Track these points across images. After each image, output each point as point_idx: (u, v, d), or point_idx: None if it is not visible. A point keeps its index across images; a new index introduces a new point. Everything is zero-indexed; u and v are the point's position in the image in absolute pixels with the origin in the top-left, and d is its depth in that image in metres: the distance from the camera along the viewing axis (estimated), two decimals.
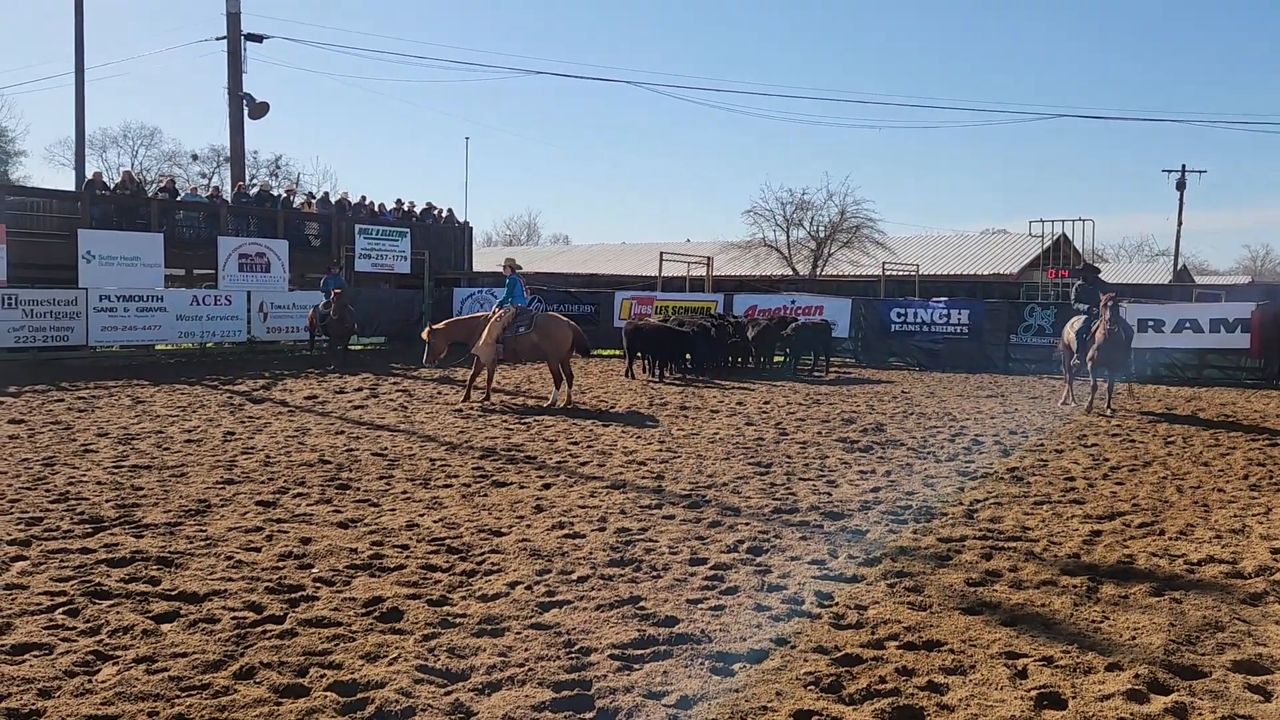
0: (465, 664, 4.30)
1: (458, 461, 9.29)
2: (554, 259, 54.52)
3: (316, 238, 26.37)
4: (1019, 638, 4.73)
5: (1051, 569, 5.93)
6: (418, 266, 27.19)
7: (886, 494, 8.12)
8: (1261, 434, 12.13)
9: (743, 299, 24.98)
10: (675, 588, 5.46)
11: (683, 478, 8.67)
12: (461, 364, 17.09)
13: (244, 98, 26.69)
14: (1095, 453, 10.46)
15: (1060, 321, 21.50)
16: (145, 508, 7.11)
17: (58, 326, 19.44)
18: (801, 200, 44.11)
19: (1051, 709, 3.93)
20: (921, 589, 5.51)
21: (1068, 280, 29.59)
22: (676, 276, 31.04)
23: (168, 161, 61.08)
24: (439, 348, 14.52)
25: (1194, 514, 7.56)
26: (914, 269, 33.75)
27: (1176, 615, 5.07)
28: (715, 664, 4.36)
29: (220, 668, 4.20)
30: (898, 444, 10.87)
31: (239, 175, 28.06)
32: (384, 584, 5.41)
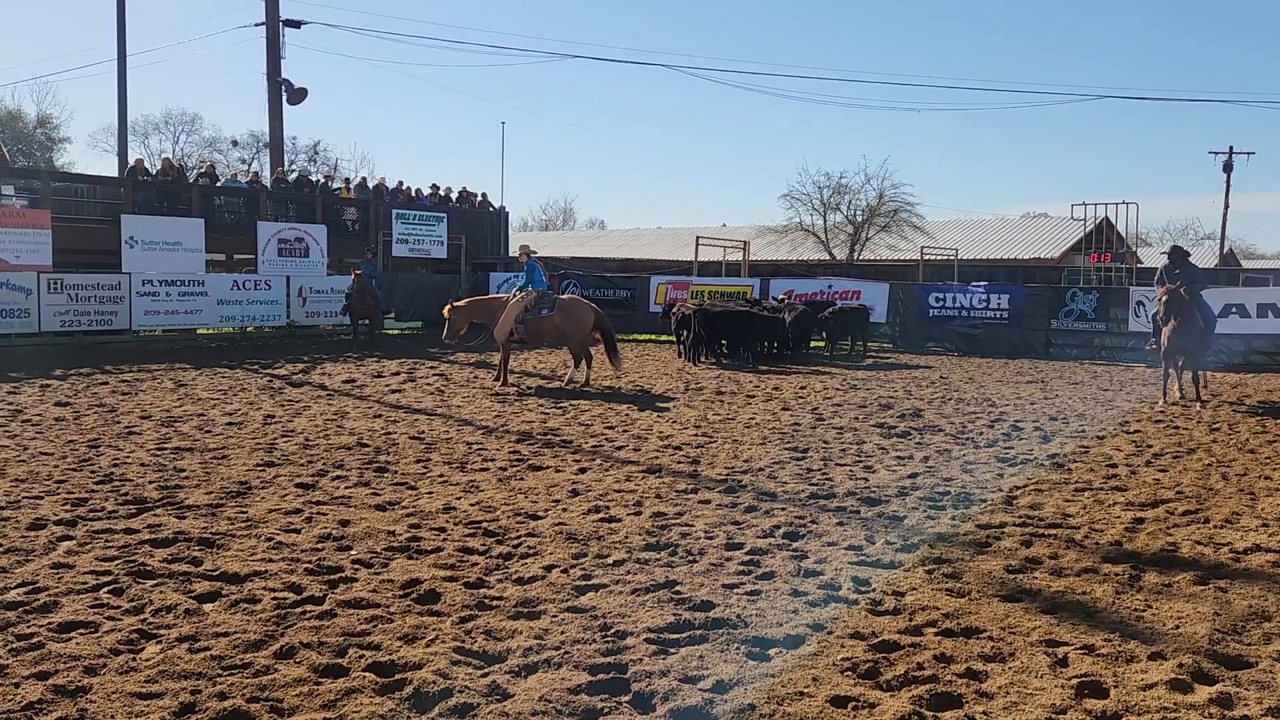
0: (502, 646, 4.33)
1: (494, 445, 9.34)
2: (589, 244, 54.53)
3: (354, 223, 26.60)
4: (1059, 626, 4.67)
5: (1093, 557, 5.85)
6: (454, 251, 27.35)
7: (924, 480, 8.05)
8: None
9: (779, 283, 24.84)
10: (711, 572, 5.45)
11: (718, 462, 8.65)
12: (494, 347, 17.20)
13: (282, 83, 26.93)
14: (1138, 439, 10.29)
15: (1103, 307, 21.23)
16: (187, 489, 7.22)
17: (102, 311, 19.80)
18: (839, 184, 43.65)
19: (1092, 698, 3.87)
20: (960, 576, 5.46)
21: (1110, 265, 29.10)
22: (712, 261, 30.91)
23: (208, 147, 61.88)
24: (459, 325, 14.72)
25: (1240, 502, 7.42)
26: (953, 253, 33.36)
27: (1222, 604, 4.98)
28: (751, 649, 4.35)
29: (261, 647, 4.26)
30: (936, 430, 10.77)
31: (278, 161, 28.34)
32: (421, 566, 5.46)
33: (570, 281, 26.84)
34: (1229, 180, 46.54)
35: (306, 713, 3.66)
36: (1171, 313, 12.88)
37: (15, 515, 6.32)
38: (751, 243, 33.32)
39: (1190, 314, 12.92)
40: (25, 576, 5.10)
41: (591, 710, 3.71)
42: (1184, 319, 12.87)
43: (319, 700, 3.75)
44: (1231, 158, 46.41)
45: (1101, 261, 29.76)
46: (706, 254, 30.22)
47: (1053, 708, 3.77)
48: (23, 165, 37.44)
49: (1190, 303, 12.93)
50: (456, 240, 27.32)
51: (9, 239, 18.84)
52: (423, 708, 3.72)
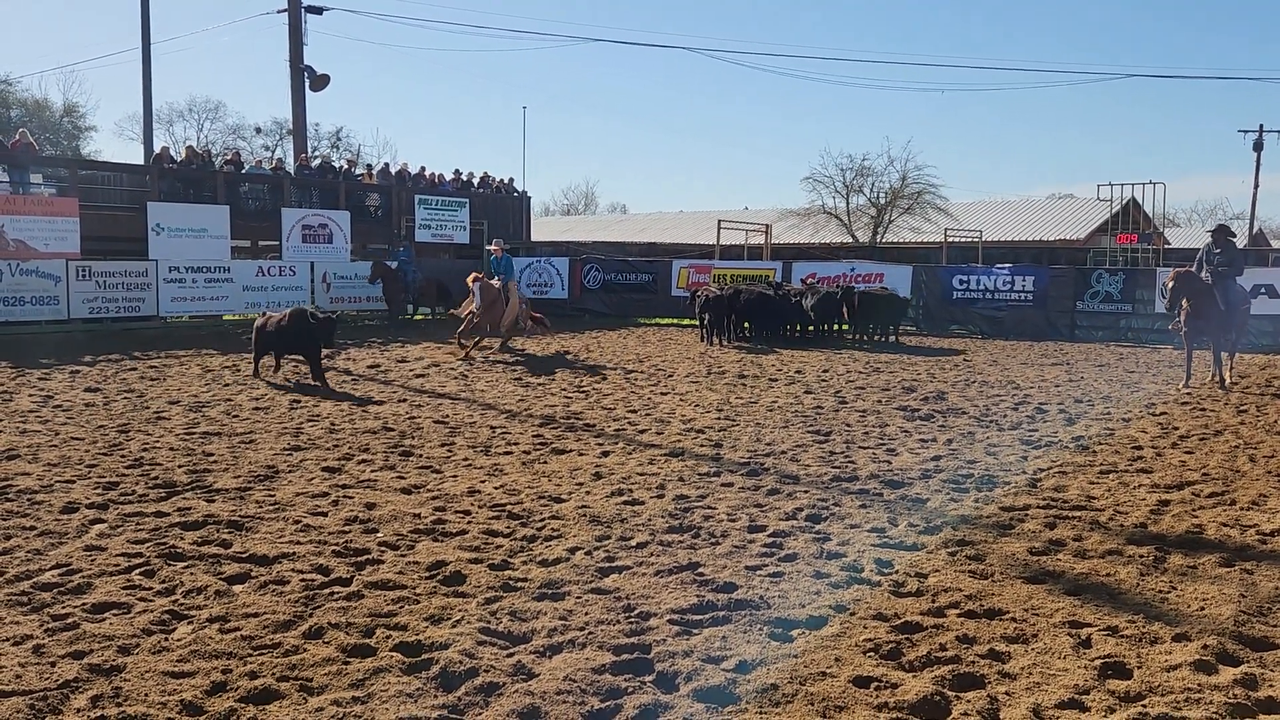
0: (527, 627, 4.38)
1: (518, 429, 9.40)
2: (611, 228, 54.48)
3: (377, 209, 26.71)
4: (1083, 607, 4.66)
5: (1117, 538, 5.83)
6: (476, 237, 27.42)
7: (947, 462, 8.03)
8: None
9: (802, 267, 24.75)
10: (734, 554, 5.48)
11: (741, 446, 8.67)
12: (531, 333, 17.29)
13: (305, 70, 27.01)
14: (1164, 421, 10.21)
15: (1130, 289, 21.01)
16: (216, 473, 7.32)
17: (129, 297, 20.03)
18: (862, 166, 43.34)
19: (1116, 679, 3.87)
20: (983, 557, 5.46)
21: (1136, 246, 28.78)
22: (734, 245, 30.84)
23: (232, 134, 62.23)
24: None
25: (1267, 484, 7.36)
26: (977, 235, 33.08)
27: (1247, 586, 4.95)
28: (774, 630, 4.37)
29: (290, 628, 4.33)
30: (959, 412, 10.73)
31: (301, 147, 28.48)
32: (447, 548, 5.52)
33: (592, 265, 26.84)
34: (1259, 159, 45.89)
35: (335, 691, 3.72)
36: (1184, 295, 12.68)
37: (49, 499, 6.43)
38: (774, 226, 33.19)
39: (1209, 295, 12.70)
40: (59, 559, 5.20)
41: (616, 689, 3.76)
42: (1201, 300, 12.67)
43: (347, 679, 3.82)
44: (1262, 136, 45.67)
45: (1128, 242, 29.45)
46: (728, 237, 30.14)
47: (1075, 688, 3.77)
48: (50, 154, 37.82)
49: (1208, 284, 12.70)
50: (479, 226, 27.39)
51: (37, 227, 19.08)
52: (449, 687, 3.78)
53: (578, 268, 26.69)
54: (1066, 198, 49.16)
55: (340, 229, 23.96)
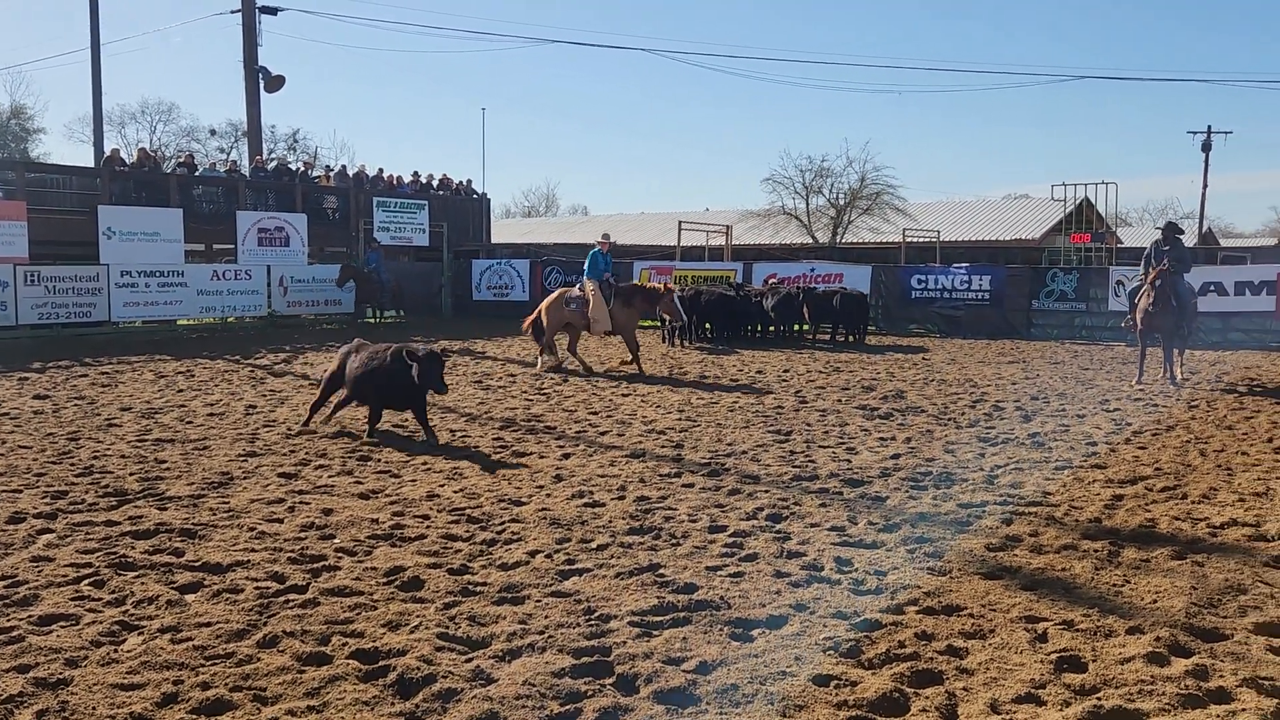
0: (486, 632, 4.34)
1: (478, 432, 9.33)
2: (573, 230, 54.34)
3: (335, 211, 26.45)
4: (1039, 602, 4.72)
5: (1072, 534, 5.91)
6: (436, 239, 27.25)
7: (907, 460, 8.09)
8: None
9: (762, 267, 24.87)
10: (695, 555, 5.48)
11: (702, 446, 8.67)
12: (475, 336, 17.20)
13: (259, 71, 26.68)
14: (1118, 417, 10.37)
15: (1084, 287, 21.36)
16: (169, 480, 7.19)
17: (80, 303, 19.64)
18: (821, 167, 43.64)
19: (1071, 672, 3.92)
20: (941, 554, 5.50)
21: (1090, 245, 29.26)
22: (695, 246, 30.91)
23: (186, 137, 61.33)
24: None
25: (1217, 477, 7.50)
26: (935, 235, 33.45)
27: (1198, 578, 5.04)
28: (734, 630, 4.37)
29: (244, 637, 4.26)
30: (918, 411, 10.82)
31: (256, 149, 28.12)
32: (405, 554, 5.46)
33: (554, 267, 26.76)
34: (1207, 160, 46.93)
35: (290, 701, 3.66)
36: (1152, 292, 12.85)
37: None
38: (734, 227, 33.33)
39: (1164, 294, 12.91)
40: (5, 570, 5.07)
41: (575, 693, 3.73)
42: (1160, 298, 12.89)
43: (302, 688, 3.75)
44: (1210, 137, 46.73)
45: (1082, 242, 29.94)
46: (689, 239, 30.22)
47: (1032, 683, 3.81)
48: None
49: (1168, 282, 12.93)
50: (438, 228, 27.21)
51: None
52: (407, 694, 3.73)
53: (539, 270, 26.59)
54: (1022, 198, 49.83)
55: (297, 232, 23.68)
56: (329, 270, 23.54)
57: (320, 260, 24.81)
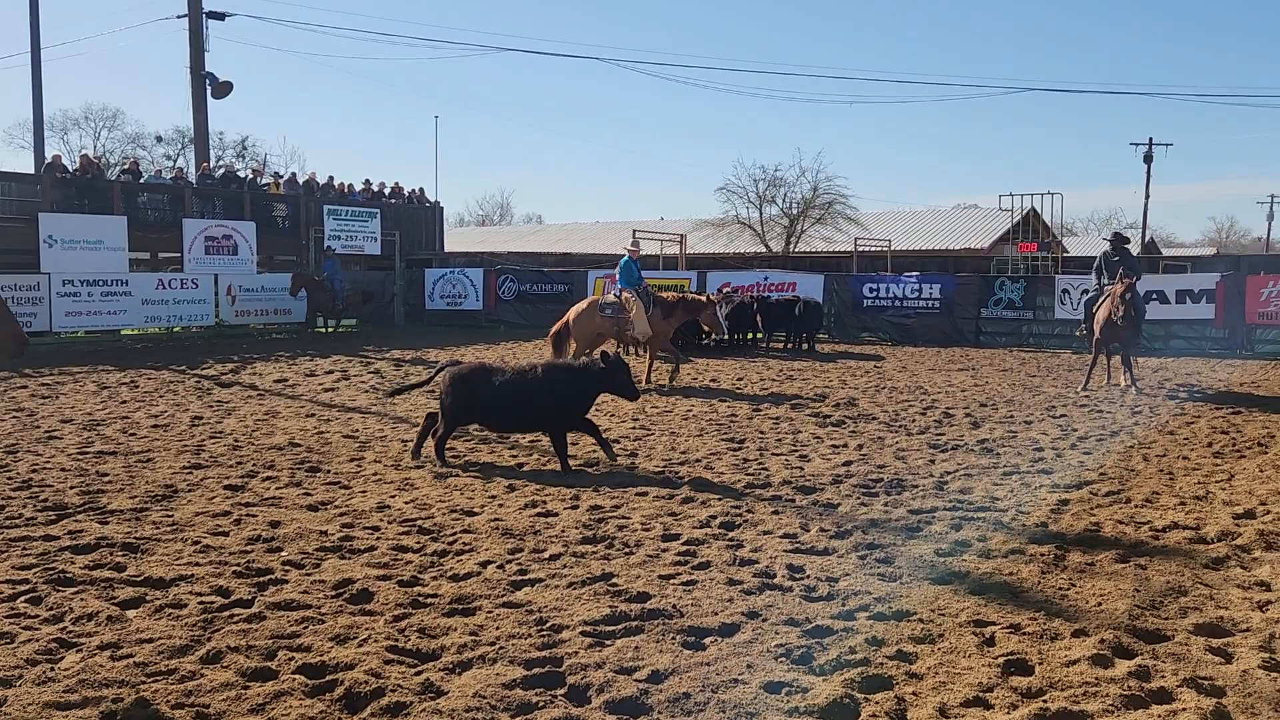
0: (436, 644, 4.29)
1: (430, 442, 9.22)
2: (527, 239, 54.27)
3: (284, 219, 26.12)
4: (987, 606, 4.77)
5: (1019, 538, 5.99)
6: (388, 248, 27.01)
7: (858, 467, 8.16)
8: (1225, 402, 12.30)
9: (716, 276, 24.97)
10: (647, 564, 5.47)
11: (656, 455, 8.67)
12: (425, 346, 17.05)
13: (206, 77, 26.29)
14: (1064, 423, 10.56)
15: (1031, 295, 21.73)
16: (110, 494, 7.02)
17: (19, 312, 19.07)
18: (774, 177, 44.15)
19: (1018, 675, 3.97)
20: (892, 560, 5.55)
21: (1037, 254, 29.81)
22: (650, 255, 30.96)
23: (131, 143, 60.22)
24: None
25: (1159, 482, 7.66)
26: (886, 244, 33.86)
27: (1141, 581, 5.14)
28: (687, 638, 4.37)
29: (186, 653, 4.16)
30: (870, 418, 10.92)
31: (203, 156, 27.67)
32: (354, 566, 5.38)
33: (508, 276, 26.65)
34: (1149, 171, 48.10)
35: (233, 717, 3.59)
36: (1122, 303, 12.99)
37: None
38: (688, 236, 33.46)
39: (1131, 303, 13.12)
40: None
41: (526, 704, 3.70)
42: (1127, 308, 13.09)
43: (247, 704, 3.68)
44: (1151, 149, 47.92)
45: (1029, 251, 30.49)
46: (644, 247, 30.20)
47: (980, 686, 3.85)
48: None
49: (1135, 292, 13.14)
50: (390, 236, 26.97)
51: None
52: (354, 708, 3.67)
53: (492, 278, 26.46)
54: (971, 208, 50.69)
55: (245, 240, 23.31)
56: (278, 279, 23.22)
57: (270, 269, 24.45)
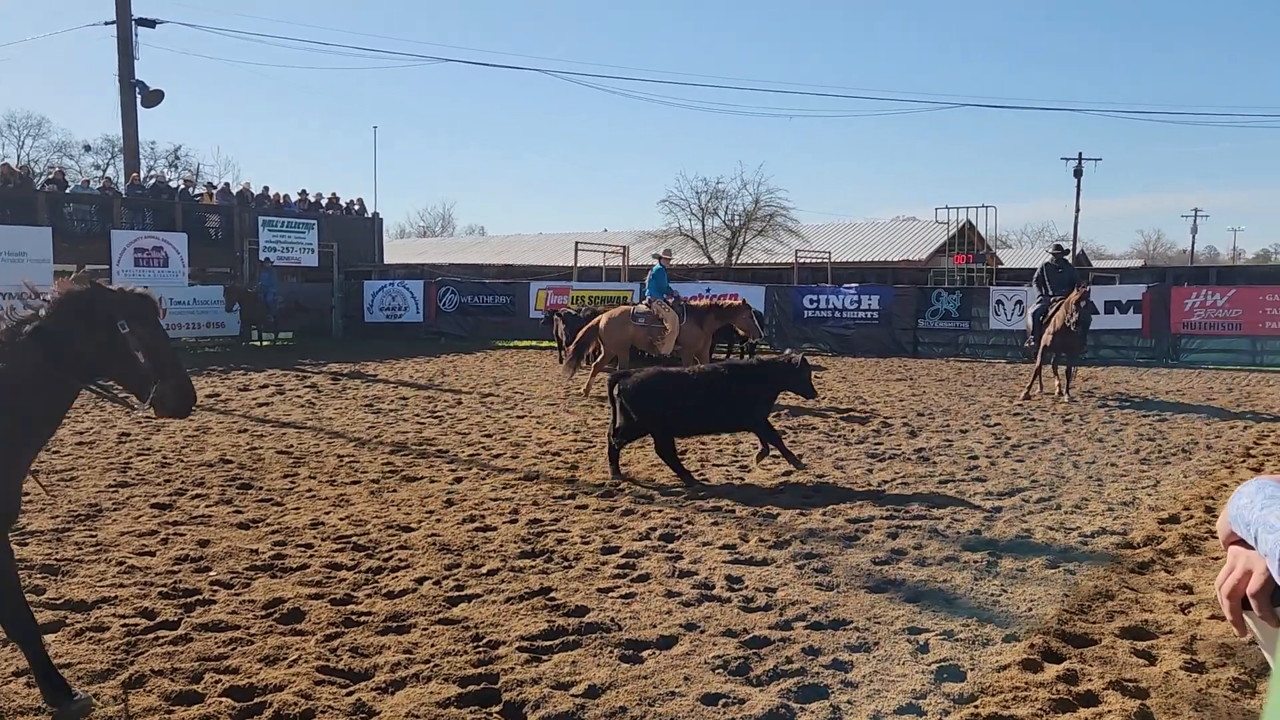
0: (369, 663, 4.21)
1: (367, 457, 9.10)
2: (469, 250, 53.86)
3: (218, 230, 25.59)
4: (921, 613, 4.83)
5: (954, 545, 6.08)
6: (326, 259, 26.62)
7: (798, 477, 8.21)
8: (1151, 410, 12.64)
9: None
10: (586, 577, 5.44)
11: (597, 468, 8.64)
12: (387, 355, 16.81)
13: (136, 85, 25.70)
14: (998, 432, 10.76)
15: (966, 306, 22.15)
16: (30, 514, 6.77)
17: None
18: (716, 189, 44.44)
19: (950, 682, 4.01)
20: (829, 569, 5.59)
21: (972, 266, 30.42)
22: (593, 266, 30.96)
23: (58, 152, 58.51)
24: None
25: (1089, 488, 7.84)
26: (826, 256, 34.27)
27: (1070, 586, 5.24)
28: (624, 652, 4.35)
29: (108, 677, 4.03)
30: (809, 428, 11.02)
31: (133, 166, 27.02)
32: (285, 585, 5.26)
33: (448, 288, 26.43)
34: (1079, 185, 49.43)
35: None
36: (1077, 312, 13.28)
37: None
38: (631, 248, 33.47)
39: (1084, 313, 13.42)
40: None
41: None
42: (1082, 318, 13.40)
43: None
44: (1081, 163, 49.26)
45: (964, 263, 31.11)
46: (587, 259, 30.23)
47: (913, 694, 3.89)
48: None
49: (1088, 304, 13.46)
50: (328, 248, 26.58)
51: None
52: None
53: (433, 290, 26.22)
54: (909, 220, 51.54)
55: (177, 251, 22.79)
56: (211, 291, 22.75)
57: (202, 281, 23.93)
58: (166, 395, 3.91)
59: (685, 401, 7.94)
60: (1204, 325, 19.95)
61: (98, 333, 3.80)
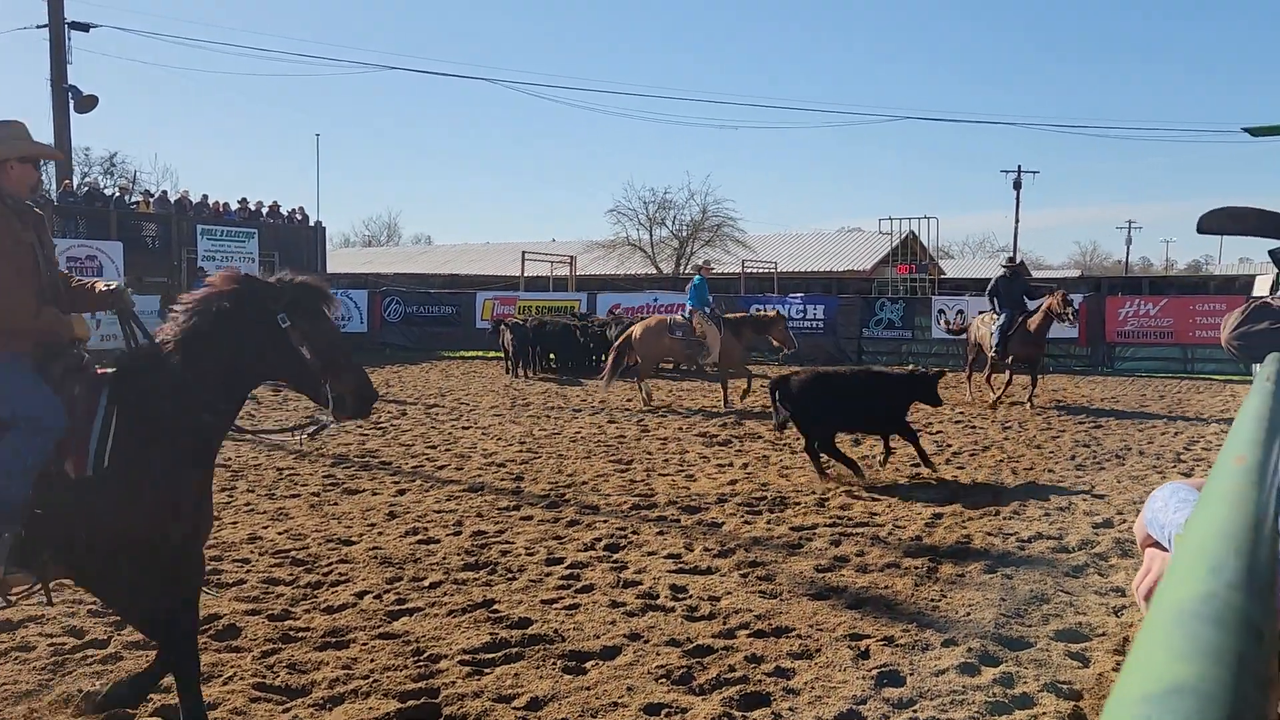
0: (306, 679, 4.14)
1: (307, 470, 8.95)
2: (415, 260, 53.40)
3: (154, 239, 25.05)
4: (863, 620, 4.88)
5: (895, 552, 6.15)
6: (267, 269, 26.19)
7: (743, 486, 8.26)
8: (1087, 417, 12.94)
9: (606, 298, 25.06)
10: (530, 589, 5.40)
11: (542, 478, 8.60)
12: None
13: (69, 90, 25.08)
14: (939, 439, 10.92)
15: (909, 316, 22.48)
16: None
17: None
18: (664, 200, 44.67)
19: (891, 687, 4.06)
20: (773, 577, 5.62)
21: (915, 276, 30.91)
22: (540, 276, 30.89)
23: None
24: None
25: (1026, 494, 7.98)
26: (773, 266, 34.57)
27: (1007, 590, 5.33)
28: (568, 663, 4.33)
29: (33, 697, 3.91)
30: (755, 438, 11.09)
31: (66, 173, 26.35)
32: (220, 601, 5.15)
33: (393, 298, 26.17)
34: (1019, 197, 50.49)
35: None
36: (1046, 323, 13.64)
37: None
38: (579, 258, 33.49)
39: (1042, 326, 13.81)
40: None
41: None
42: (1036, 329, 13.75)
43: None
44: (1020, 176, 50.36)
45: (908, 273, 31.60)
46: (534, 269, 30.17)
47: (854, 699, 3.92)
48: None
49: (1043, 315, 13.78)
50: (269, 257, 26.16)
51: None
52: None
53: (377, 300, 25.94)
54: (855, 231, 52.23)
55: (111, 261, 22.26)
56: (147, 302, 22.14)
57: (139, 291, 23.37)
58: (344, 396, 3.64)
59: (839, 403, 8.53)
60: (1137, 334, 20.48)
61: (255, 330, 3.57)
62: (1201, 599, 0.58)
